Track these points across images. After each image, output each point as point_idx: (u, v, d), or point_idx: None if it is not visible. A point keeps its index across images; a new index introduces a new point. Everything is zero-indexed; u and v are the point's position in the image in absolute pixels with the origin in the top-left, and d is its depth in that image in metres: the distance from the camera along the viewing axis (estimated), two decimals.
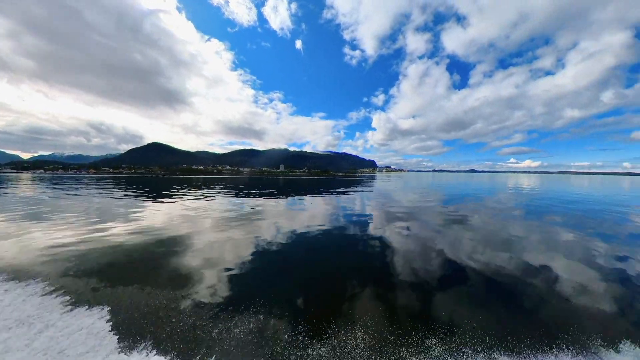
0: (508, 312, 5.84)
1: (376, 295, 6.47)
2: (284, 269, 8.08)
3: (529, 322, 5.41)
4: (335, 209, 20.84)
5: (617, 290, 7.03)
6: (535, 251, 10.24)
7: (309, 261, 8.84)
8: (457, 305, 6.06)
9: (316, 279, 7.46)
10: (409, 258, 9.16)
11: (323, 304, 5.97)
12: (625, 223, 16.31)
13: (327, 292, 6.64)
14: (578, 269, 8.47)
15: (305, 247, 10.49)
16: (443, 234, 12.91)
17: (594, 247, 10.89)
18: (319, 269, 8.17)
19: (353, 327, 5.06)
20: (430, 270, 8.14)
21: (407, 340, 4.74)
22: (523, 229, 14.37)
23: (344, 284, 7.03)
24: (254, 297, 6.14)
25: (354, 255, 9.62)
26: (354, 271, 7.98)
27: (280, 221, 15.12)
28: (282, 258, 9.07)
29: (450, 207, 22.83)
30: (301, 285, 6.95)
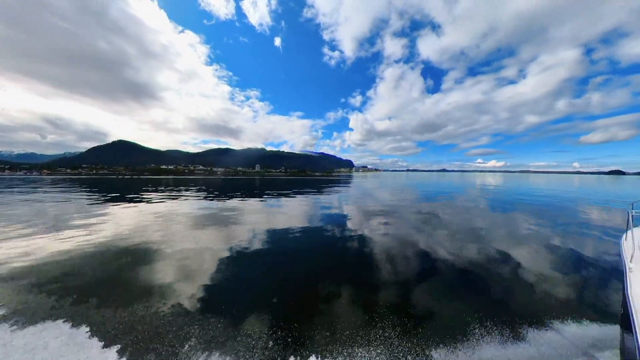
0: (479, 296, 6.41)
1: (355, 292, 6.54)
2: (261, 273, 7.71)
3: (496, 304, 5.98)
4: (311, 209, 20.51)
5: (567, 271, 8.00)
6: (500, 241, 11.42)
7: (287, 264, 8.53)
8: (434, 295, 6.46)
9: (295, 280, 7.23)
10: (387, 254, 9.48)
11: (304, 306, 5.83)
12: (575, 214, 18.85)
13: (308, 293, 6.50)
14: (535, 254, 9.60)
15: (283, 249, 10.06)
16: (418, 228, 13.68)
17: (549, 235, 12.42)
18: (298, 271, 7.94)
19: (335, 325, 5.05)
20: (407, 264, 8.55)
21: (390, 333, 4.87)
22: (489, 221, 15.96)
23: (323, 284, 6.94)
24: (232, 304, 5.77)
25: (332, 254, 9.50)
26: (333, 270, 7.97)
27: (254, 224, 14.30)
28: (259, 262, 8.63)
29: (425, 203, 24.33)
30: (281, 289, 6.70)
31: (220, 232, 12.37)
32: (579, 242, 11.28)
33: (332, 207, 21.62)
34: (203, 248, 9.87)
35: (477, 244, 10.79)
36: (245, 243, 10.61)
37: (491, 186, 52.41)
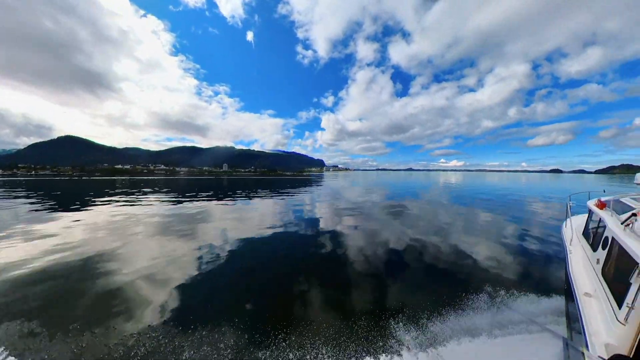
0: (445, 281, 6.98)
1: (330, 290, 6.49)
2: (231, 279, 7.15)
3: (461, 286, 6.50)
4: (280, 209, 19.76)
5: (520, 254, 8.99)
6: (462, 231, 12.43)
7: (257, 266, 8.05)
8: (407, 281, 6.89)
9: (268, 284, 6.87)
10: (357, 248, 9.68)
11: (278, 307, 5.64)
12: (524, 206, 21.38)
13: (280, 294, 6.30)
14: (493, 242, 10.57)
15: (251, 252, 9.40)
16: (386, 223, 14.34)
17: (505, 225, 13.80)
18: (268, 273, 7.57)
19: (312, 323, 4.98)
20: (377, 256, 8.84)
21: (367, 325, 4.94)
22: (452, 214, 17.43)
23: (298, 286, 6.69)
24: (204, 314, 5.34)
25: (303, 257, 9.08)
26: (306, 271, 7.72)
27: (217, 228, 13.01)
28: (228, 267, 7.96)
29: (394, 200, 25.49)
30: (253, 293, 6.34)
31: (176, 241, 10.53)
32: (529, 230, 12.63)
33: (301, 208, 20.41)
34: (154, 264, 8.07)
35: (442, 236, 11.52)
36: (200, 253, 9.12)
37: (453, 184, 56.97)
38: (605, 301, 3.34)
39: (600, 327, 2.97)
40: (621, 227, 3.65)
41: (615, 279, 3.44)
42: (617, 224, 3.85)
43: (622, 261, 3.33)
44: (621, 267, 3.32)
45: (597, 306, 3.36)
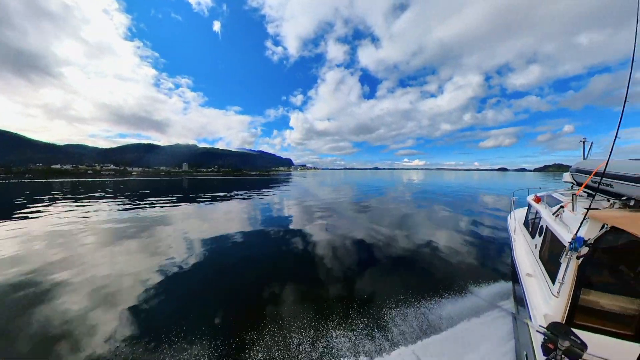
0: (410, 273, 7.51)
1: (301, 288, 6.52)
2: (195, 290, 6.59)
3: (424, 277, 7.09)
4: (244, 211, 18.43)
5: (474, 244, 10.03)
6: (423, 226, 13.41)
7: (221, 274, 7.54)
8: (375, 277, 7.20)
9: (237, 288, 6.63)
10: (326, 247, 9.83)
11: (251, 312, 5.46)
12: (477, 201, 24.09)
13: (252, 298, 6.12)
14: (450, 234, 11.59)
15: (216, 260, 8.64)
16: (354, 220, 14.92)
17: (460, 218, 15.26)
18: (234, 280, 7.15)
19: (286, 324, 4.98)
20: (344, 253, 9.10)
21: (339, 320, 5.08)
22: (413, 209, 19.09)
23: (267, 286, 6.62)
24: (168, 331, 4.89)
25: (271, 255, 9.00)
26: (275, 271, 7.67)
27: (171, 236, 11.48)
28: (187, 279, 7.26)
29: (362, 198, 26.50)
30: (223, 301, 6.03)
31: (122, 256, 8.86)
32: (480, 222, 14.11)
33: (267, 209, 19.24)
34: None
35: (404, 230, 12.32)
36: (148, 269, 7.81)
37: (416, 181, 61.13)
38: (542, 279, 4.01)
39: (539, 301, 3.59)
40: (552, 218, 4.39)
41: (549, 260, 4.14)
42: (549, 215, 4.60)
43: (553, 245, 4.03)
44: (553, 250, 4.01)
45: (536, 284, 4.02)
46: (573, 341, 2.40)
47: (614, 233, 2.86)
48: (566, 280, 3.13)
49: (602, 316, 3.05)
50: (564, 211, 4.14)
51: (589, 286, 3.07)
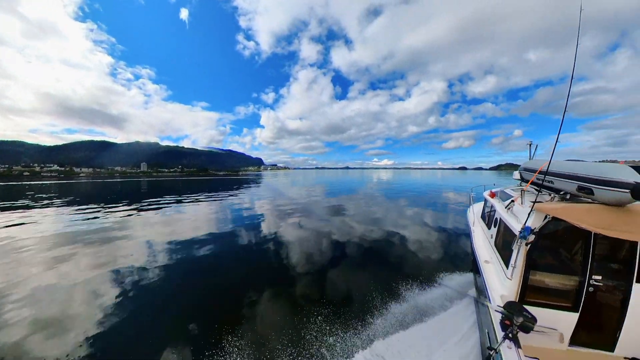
0: (381, 267, 7.83)
1: (275, 291, 6.40)
2: (158, 304, 6.02)
3: (394, 271, 7.36)
4: (207, 217, 16.33)
5: (438, 238, 10.74)
6: (391, 222, 13.96)
7: (183, 287, 6.89)
8: (348, 274, 7.41)
9: (208, 298, 6.23)
10: (296, 248, 9.72)
11: (226, 322, 5.17)
12: (440, 197, 25.90)
13: (226, 306, 5.82)
14: (417, 229, 12.26)
15: (182, 271, 7.80)
16: (325, 219, 15.03)
17: (425, 214, 16.23)
18: (201, 291, 6.63)
19: (261, 329, 4.90)
20: (320, 252, 9.19)
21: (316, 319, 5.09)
22: (383, 206, 19.91)
23: (239, 292, 6.35)
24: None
25: (241, 261, 8.60)
26: (245, 276, 7.38)
27: (122, 247, 9.90)
28: (146, 294, 6.47)
29: (334, 196, 27.10)
30: (196, 316, 5.54)
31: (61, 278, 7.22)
32: (444, 216, 15.31)
33: (234, 213, 17.26)
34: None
35: (374, 227, 12.76)
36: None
37: (385, 180, 63.90)
38: (498, 265, 4.52)
39: (496, 284, 4.05)
40: (505, 210, 4.94)
41: (503, 248, 4.67)
42: (502, 208, 5.16)
43: (506, 234, 4.55)
44: (506, 239, 4.53)
45: (493, 269, 4.52)
46: (525, 316, 2.77)
47: (554, 222, 3.35)
48: (517, 264, 3.57)
49: (547, 293, 3.54)
50: (514, 205, 4.66)
51: (536, 268, 3.55)
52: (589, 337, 3.47)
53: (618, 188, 2.63)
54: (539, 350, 3.37)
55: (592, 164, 3.17)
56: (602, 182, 2.82)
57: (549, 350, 3.44)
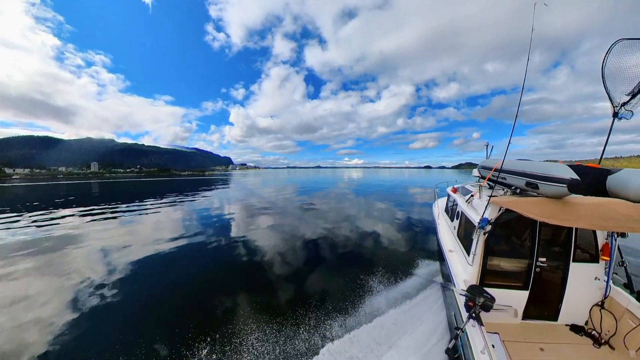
0: (354, 262, 8.16)
1: (247, 295, 6.22)
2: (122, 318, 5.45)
3: (367, 266, 7.65)
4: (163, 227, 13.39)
5: (407, 232, 11.50)
6: (363, 218, 14.67)
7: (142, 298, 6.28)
8: (323, 273, 7.52)
9: (178, 309, 5.81)
10: (272, 250, 9.52)
11: (200, 331, 4.87)
12: (408, 193, 28.00)
13: (198, 315, 5.48)
14: (387, 225, 12.90)
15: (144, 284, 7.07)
16: (299, 218, 15.13)
17: (394, 210, 17.18)
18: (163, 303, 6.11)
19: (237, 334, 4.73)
20: (292, 253, 9.18)
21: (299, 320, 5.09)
22: (354, 203, 20.78)
23: (211, 300, 6.07)
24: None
25: (209, 268, 8.03)
26: (214, 284, 6.98)
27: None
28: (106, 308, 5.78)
29: (306, 195, 27.38)
30: (165, 327, 5.16)
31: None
32: (411, 212, 16.31)
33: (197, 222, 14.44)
34: None
35: (346, 224, 13.22)
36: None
37: (355, 179, 65.77)
38: (460, 253, 4.98)
39: (459, 270, 4.47)
40: (466, 204, 5.44)
41: (465, 238, 5.15)
42: (463, 202, 5.67)
43: (467, 226, 5.03)
44: (467, 229, 5.01)
45: (456, 257, 4.98)
46: (486, 297, 3.13)
47: (507, 213, 3.80)
48: (477, 251, 3.99)
49: (502, 275, 4.02)
50: (474, 199, 5.16)
51: (493, 254, 4.00)
52: (537, 311, 4.02)
53: (558, 183, 3.07)
54: (497, 325, 3.82)
55: (538, 163, 3.65)
56: (545, 178, 3.26)
57: (506, 325, 3.91)
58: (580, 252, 3.95)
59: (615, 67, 3.60)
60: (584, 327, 3.83)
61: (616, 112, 3.69)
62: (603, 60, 3.70)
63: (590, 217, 2.78)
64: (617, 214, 2.72)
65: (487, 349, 2.72)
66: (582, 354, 3.47)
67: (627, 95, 3.57)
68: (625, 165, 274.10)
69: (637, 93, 3.48)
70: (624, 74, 3.53)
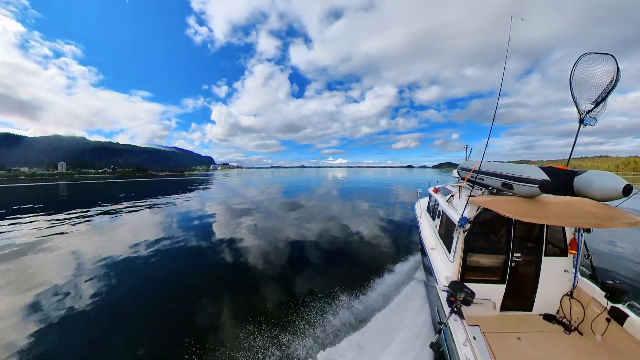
0: (341, 262, 8.26)
1: (232, 298, 6.19)
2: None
3: (354, 264, 7.92)
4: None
5: (392, 230, 11.87)
6: (348, 217, 14.90)
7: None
8: (310, 272, 7.61)
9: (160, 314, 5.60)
10: (255, 251, 9.47)
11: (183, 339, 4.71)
12: (392, 193, 29.03)
13: (180, 322, 5.34)
14: (373, 224, 13.25)
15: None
16: (283, 218, 15.17)
17: (379, 208, 17.76)
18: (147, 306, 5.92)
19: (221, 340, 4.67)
20: (278, 254, 9.13)
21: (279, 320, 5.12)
22: (339, 203, 21.31)
23: (193, 305, 5.90)
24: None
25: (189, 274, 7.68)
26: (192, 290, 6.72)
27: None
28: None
29: (289, 196, 27.14)
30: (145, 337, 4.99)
31: None
32: (395, 211, 16.77)
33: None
34: None
35: (331, 224, 13.38)
36: None
37: (340, 178, 66.80)
38: (442, 251, 5.17)
39: (441, 267, 4.65)
40: (446, 204, 5.66)
41: (446, 236, 5.35)
42: (444, 202, 5.89)
43: (448, 224, 5.24)
44: (448, 228, 5.21)
45: (438, 255, 5.17)
46: (466, 292, 3.28)
47: (485, 212, 4.00)
48: (457, 249, 4.17)
49: (481, 271, 4.22)
50: (454, 199, 5.37)
51: (472, 251, 4.20)
52: (514, 303, 4.27)
53: (530, 184, 3.30)
54: (478, 318, 4.01)
55: (512, 165, 3.89)
56: (519, 179, 3.49)
57: (485, 317, 4.12)
58: (551, 247, 4.24)
59: (581, 78, 3.94)
60: (555, 316, 4.13)
61: (582, 118, 4.02)
62: (571, 71, 4.04)
63: (560, 214, 3.00)
64: (583, 212, 2.96)
65: (469, 341, 2.85)
66: (555, 340, 3.73)
67: (591, 104, 3.91)
68: (590, 164, 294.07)
69: (600, 102, 3.81)
70: (588, 84, 3.88)
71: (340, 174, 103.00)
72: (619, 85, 3.61)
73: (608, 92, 3.71)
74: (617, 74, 3.60)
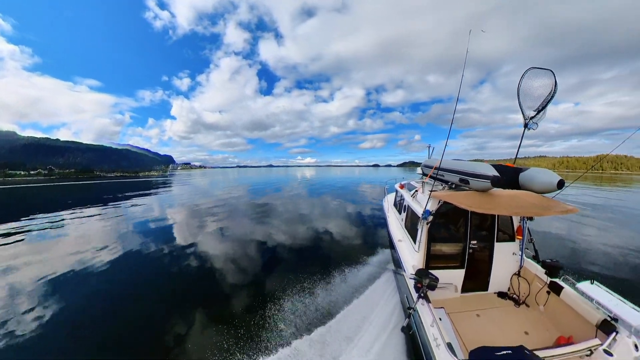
0: (314, 259, 8.33)
1: (203, 304, 5.98)
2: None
3: (325, 261, 8.02)
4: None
5: (361, 225, 12.51)
6: (318, 216, 15.15)
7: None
8: (279, 273, 7.50)
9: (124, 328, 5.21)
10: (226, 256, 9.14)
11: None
12: (359, 190, 29.24)
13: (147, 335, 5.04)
14: (341, 221, 13.64)
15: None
16: (252, 219, 14.88)
17: (347, 206, 18.48)
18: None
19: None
20: (248, 257, 8.90)
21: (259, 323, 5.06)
22: (308, 202, 21.29)
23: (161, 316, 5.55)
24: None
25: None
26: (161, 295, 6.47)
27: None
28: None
29: (259, 198, 26.02)
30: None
31: None
32: (364, 207, 17.39)
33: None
34: None
35: (301, 223, 13.39)
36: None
37: (309, 177, 67.59)
38: (408, 242, 5.54)
39: (408, 257, 4.99)
40: (411, 198, 6.05)
41: (411, 228, 5.72)
42: (409, 197, 6.28)
43: (413, 217, 5.61)
44: (413, 220, 5.58)
45: (405, 246, 5.53)
46: (431, 278, 3.58)
47: (445, 205, 4.39)
48: (422, 239, 4.53)
49: (444, 258, 4.65)
50: (418, 194, 5.77)
51: (435, 240, 4.59)
52: (472, 284, 4.77)
53: (483, 179, 3.73)
54: (442, 301, 4.40)
55: (468, 163, 4.34)
56: (474, 175, 3.92)
57: (448, 300, 4.54)
58: (501, 234, 4.81)
59: (526, 88, 4.57)
60: (507, 293, 4.72)
61: (526, 123, 4.66)
62: (519, 82, 4.65)
63: (508, 206, 3.44)
64: (527, 203, 3.44)
65: (436, 322, 3.14)
66: (507, 314, 4.28)
67: (534, 111, 4.56)
68: (533, 163, 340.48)
69: (541, 109, 4.47)
70: (532, 94, 4.52)
71: (309, 173, 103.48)
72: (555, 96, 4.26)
73: (548, 101, 4.38)
74: (554, 86, 4.27)
